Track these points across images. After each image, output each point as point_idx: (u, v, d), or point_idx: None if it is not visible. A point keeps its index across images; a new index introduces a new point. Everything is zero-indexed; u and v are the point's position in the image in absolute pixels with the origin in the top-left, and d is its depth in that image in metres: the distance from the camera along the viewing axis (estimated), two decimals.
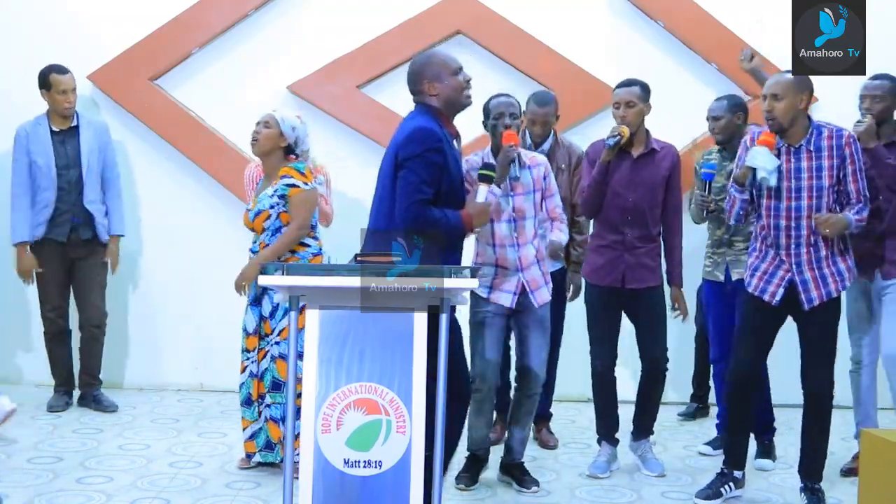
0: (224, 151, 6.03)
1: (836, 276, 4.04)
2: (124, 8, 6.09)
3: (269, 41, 6.11)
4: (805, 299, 4.03)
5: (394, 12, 5.99)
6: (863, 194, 4.04)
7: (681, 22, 6.04)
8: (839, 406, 5.72)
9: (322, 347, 3.13)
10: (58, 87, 5.49)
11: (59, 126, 5.55)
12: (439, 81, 3.59)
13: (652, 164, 4.52)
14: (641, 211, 4.49)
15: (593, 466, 4.59)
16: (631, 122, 4.45)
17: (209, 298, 5.87)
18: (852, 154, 4.01)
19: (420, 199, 3.43)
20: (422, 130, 3.49)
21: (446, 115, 3.63)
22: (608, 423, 4.65)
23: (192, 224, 6.14)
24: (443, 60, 3.65)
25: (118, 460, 4.62)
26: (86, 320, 5.65)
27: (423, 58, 3.71)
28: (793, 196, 4.01)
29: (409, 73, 3.68)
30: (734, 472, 4.22)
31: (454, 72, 3.62)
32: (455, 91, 3.61)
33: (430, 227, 3.42)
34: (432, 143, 3.47)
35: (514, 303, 4.24)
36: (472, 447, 4.36)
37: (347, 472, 3.10)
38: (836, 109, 5.85)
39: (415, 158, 3.45)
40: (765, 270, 4.10)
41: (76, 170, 5.50)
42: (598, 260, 4.56)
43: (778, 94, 3.99)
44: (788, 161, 4.02)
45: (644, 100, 4.48)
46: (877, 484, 3.50)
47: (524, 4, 6.05)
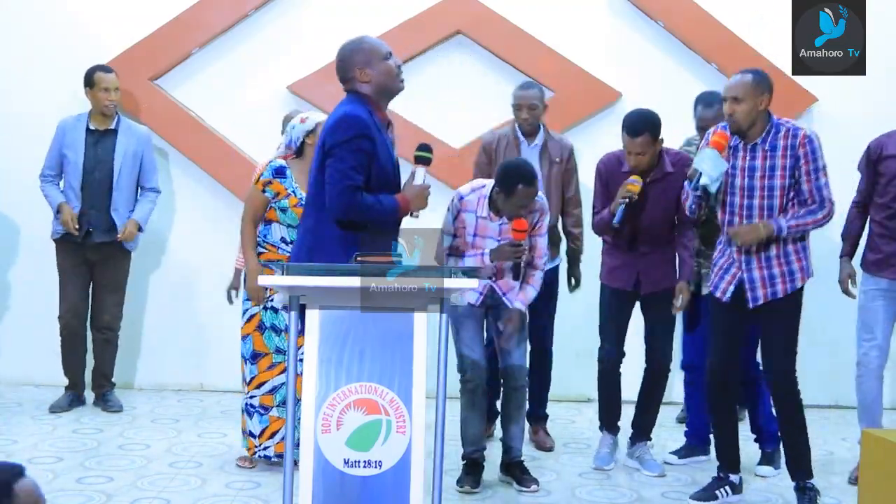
0: (224, 151, 6.03)
1: (785, 276, 4.01)
2: (124, 8, 6.09)
3: (269, 41, 6.11)
4: (750, 298, 4.02)
5: (394, 12, 5.99)
6: (817, 195, 3.96)
7: (681, 22, 6.04)
8: (839, 406, 5.79)
9: (322, 347, 3.13)
10: (101, 84, 5.50)
11: (97, 125, 5.54)
12: (370, 67, 3.49)
13: (666, 188, 4.45)
14: (655, 229, 4.50)
15: (598, 459, 4.65)
16: (645, 169, 4.39)
17: (209, 298, 5.87)
18: (807, 154, 3.94)
19: (349, 185, 3.35)
20: (348, 117, 3.41)
21: (378, 102, 3.53)
22: (610, 411, 4.70)
23: (192, 224, 6.14)
24: (372, 46, 3.53)
25: (118, 460, 4.62)
26: (99, 322, 5.65)
27: (352, 44, 3.56)
28: (745, 194, 4.00)
29: (337, 60, 3.55)
30: (730, 475, 4.20)
31: (384, 56, 3.51)
32: (387, 76, 3.51)
33: (362, 212, 3.37)
34: (360, 129, 3.39)
35: (479, 301, 4.30)
36: (467, 449, 4.35)
37: (347, 472, 3.10)
38: (837, 109, 5.88)
39: (342, 145, 3.37)
40: (721, 266, 4.11)
41: (103, 173, 5.48)
42: (613, 262, 4.59)
43: (738, 97, 3.93)
44: (744, 158, 4.00)
45: (656, 137, 4.39)
46: (877, 484, 3.50)
47: (524, 4, 6.05)
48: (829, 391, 5.88)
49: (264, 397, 4.45)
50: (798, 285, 4.04)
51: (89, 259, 5.54)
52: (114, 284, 5.62)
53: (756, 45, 5.96)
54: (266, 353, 4.45)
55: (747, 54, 5.95)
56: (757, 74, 3.99)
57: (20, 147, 5.94)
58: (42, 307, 5.82)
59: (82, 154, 5.48)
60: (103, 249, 5.52)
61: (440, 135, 5.92)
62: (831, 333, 5.74)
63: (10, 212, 6.09)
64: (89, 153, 5.50)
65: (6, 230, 6.10)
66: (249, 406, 4.47)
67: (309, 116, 4.48)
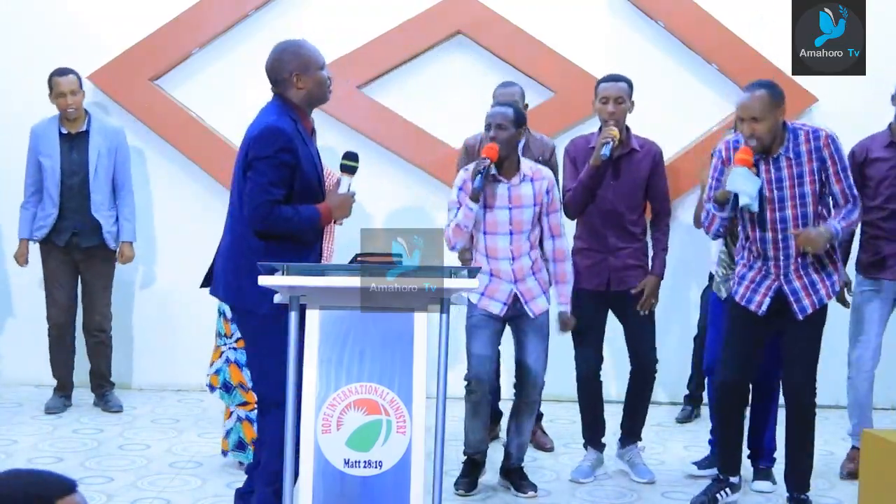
0: (224, 151, 6.02)
1: (825, 281, 3.96)
2: (124, 8, 6.09)
3: (269, 41, 6.06)
4: (798, 309, 3.95)
5: (394, 12, 5.99)
6: (849, 194, 3.92)
7: (681, 22, 6.04)
8: (839, 406, 5.77)
9: (322, 348, 3.13)
10: (57, 88, 5.47)
11: (68, 128, 5.53)
12: (306, 74, 3.48)
13: (631, 164, 4.44)
14: (620, 213, 4.43)
15: (576, 472, 4.55)
16: (620, 121, 4.38)
17: (209, 298, 5.85)
18: (832, 154, 3.87)
19: (268, 199, 3.35)
20: (272, 129, 3.39)
21: (304, 111, 3.52)
22: (594, 428, 4.60)
23: (191, 224, 6.14)
24: (311, 54, 3.51)
25: (118, 460, 4.62)
26: (90, 325, 5.65)
27: (291, 46, 3.53)
28: (776, 207, 3.89)
29: (273, 60, 3.52)
30: (730, 477, 4.18)
31: (320, 66, 3.51)
32: (320, 87, 3.51)
33: (279, 224, 3.38)
34: (283, 142, 3.37)
35: (503, 311, 4.21)
36: (469, 450, 4.35)
37: (348, 473, 3.10)
38: (836, 109, 5.88)
39: (264, 160, 3.36)
40: (751, 279, 4.01)
41: (81, 176, 5.47)
42: (583, 263, 4.47)
43: (758, 117, 3.79)
44: (768, 171, 3.89)
45: (630, 96, 4.43)
46: (877, 484, 3.50)
47: (524, 4, 6.05)
48: (829, 391, 5.87)
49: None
50: (837, 290, 4.02)
51: (75, 259, 5.55)
52: (102, 285, 5.62)
53: (756, 45, 5.96)
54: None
55: (747, 54, 5.97)
56: (770, 88, 3.86)
57: (20, 147, 5.92)
58: (42, 308, 5.82)
59: (58, 160, 5.48)
60: (89, 251, 5.53)
61: (440, 135, 5.92)
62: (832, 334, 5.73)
63: (10, 212, 6.08)
64: (65, 158, 5.49)
65: (6, 230, 6.09)
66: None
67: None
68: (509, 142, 4.19)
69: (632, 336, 4.54)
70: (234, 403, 4.40)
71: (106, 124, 5.66)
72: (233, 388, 4.39)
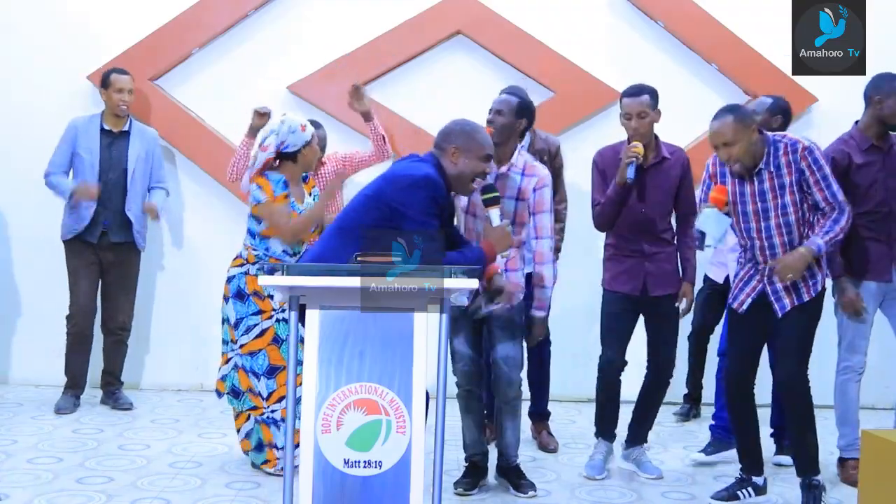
0: (224, 151, 6.02)
1: (807, 282, 4.00)
2: (124, 8, 6.09)
3: (269, 41, 6.11)
4: (778, 307, 4.02)
5: (394, 12, 5.99)
6: (833, 201, 3.94)
7: (681, 22, 6.04)
8: None
9: (322, 347, 3.13)
10: (116, 85, 5.53)
11: (111, 126, 5.57)
12: (465, 156, 3.67)
13: (661, 173, 4.45)
14: (653, 221, 4.45)
15: (589, 467, 4.55)
16: (644, 135, 4.37)
17: (209, 298, 5.86)
18: (810, 165, 3.91)
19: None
20: (431, 181, 3.53)
21: (449, 185, 3.68)
22: (608, 420, 4.62)
23: (192, 224, 6.15)
24: (481, 142, 3.71)
25: (118, 460, 4.62)
26: (112, 323, 5.67)
27: (468, 126, 3.74)
28: (761, 217, 3.99)
29: (449, 127, 3.74)
30: (753, 477, 4.18)
31: (483, 158, 3.70)
32: (469, 173, 3.68)
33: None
34: (437, 191, 3.54)
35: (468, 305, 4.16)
36: (468, 453, 4.34)
37: (347, 473, 3.10)
38: (836, 109, 5.88)
39: (423, 212, 3.48)
40: (741, 278, 4.14)
41: (118, 173, 5.53)
42: (618, 268, 4.50)
43: (728, 141, 3.86)
44: (751, 184, 3.98)
45: (654, 108, 4.41)
46: (877, 484, 3.50)
47: (524, 4, 6.05)
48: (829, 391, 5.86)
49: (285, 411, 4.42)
50: (819, 287, 4.04)
51: (101, 259, 5.56)
52: (128, 284, 5.67)
53: (756, 45, 5.97)
54: (285, 367, 4.29)
55: (747, 54, 5.97)
56: (735, 111, 3.91)
57: (23, 147, 5.95)
58: (43, 308, 5.83)
59: (98, 155, 5.52)
60: (118, 249, 5.56)
61: None
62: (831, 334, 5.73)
63: (10, 212, 6.09)
64: (104, 154, 5.54)
65: (7, 230, 6.10)
66: (271, 420, 4.38)
67: (307, 124, 4.44)
68: (504, 128, 4.20)
69: (655, 339, 4.55)
70: (244, 408, 4.41)
71: (144, 128, 5.74)
72: (242, 393, 4.41)
